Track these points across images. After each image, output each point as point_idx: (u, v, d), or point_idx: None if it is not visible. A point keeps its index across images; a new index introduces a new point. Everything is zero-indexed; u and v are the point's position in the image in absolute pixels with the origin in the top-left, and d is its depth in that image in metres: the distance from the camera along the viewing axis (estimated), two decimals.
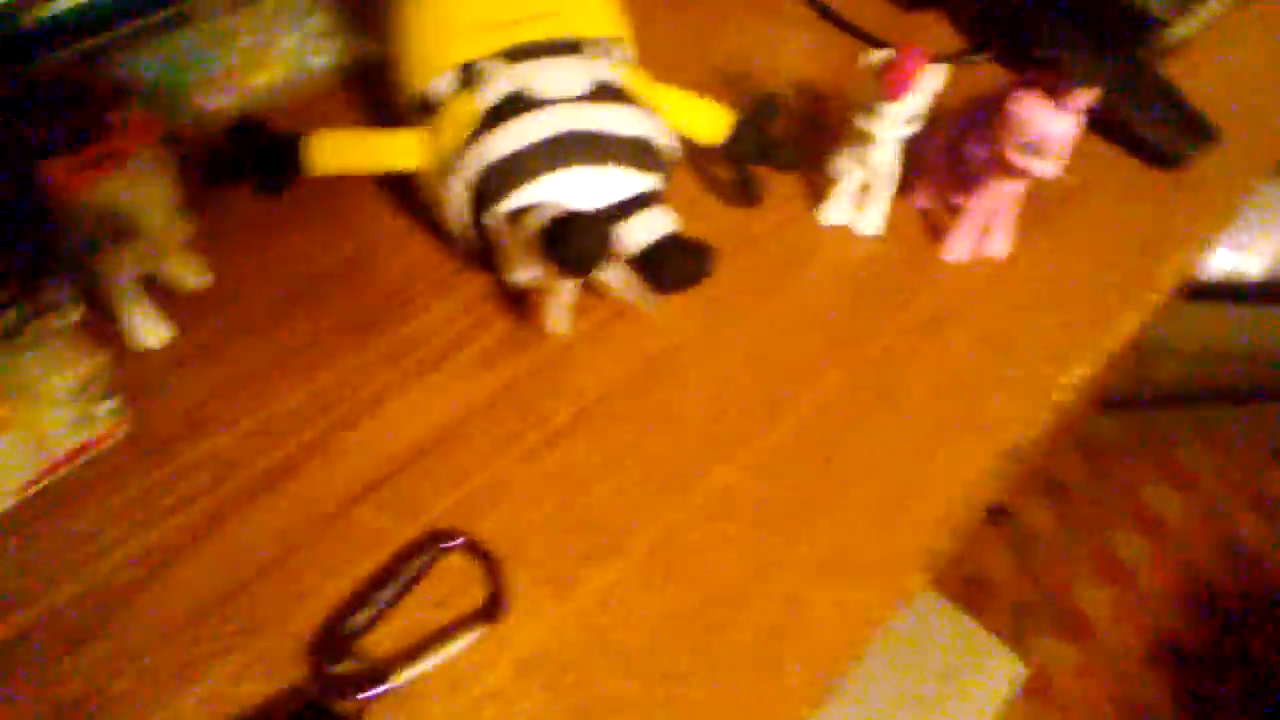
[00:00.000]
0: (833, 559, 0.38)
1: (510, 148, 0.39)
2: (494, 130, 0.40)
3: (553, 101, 0.40)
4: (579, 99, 0.41)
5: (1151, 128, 0.56)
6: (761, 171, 0.49)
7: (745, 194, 0.48)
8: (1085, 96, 0.42)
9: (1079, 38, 0.58)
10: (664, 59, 0.53)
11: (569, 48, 0.42)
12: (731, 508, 0.39)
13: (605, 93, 0.41)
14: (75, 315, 0.32)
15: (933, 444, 0.42)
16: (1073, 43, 0.58)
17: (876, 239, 0.49)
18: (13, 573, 0.34)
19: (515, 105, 0.40)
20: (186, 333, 0.41)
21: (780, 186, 0.51)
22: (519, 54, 0.41)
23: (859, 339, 0.45)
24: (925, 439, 0.42)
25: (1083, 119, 0.43)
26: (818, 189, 0.50)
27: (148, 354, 0.40)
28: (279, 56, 0.52)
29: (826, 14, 0.61)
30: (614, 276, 0.41)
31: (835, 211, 0.49)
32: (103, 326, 0.39)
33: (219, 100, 0.50)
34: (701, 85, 0.52)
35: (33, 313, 0.31)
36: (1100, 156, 0.56)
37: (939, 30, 0.63)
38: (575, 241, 0.37)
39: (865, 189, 0.49)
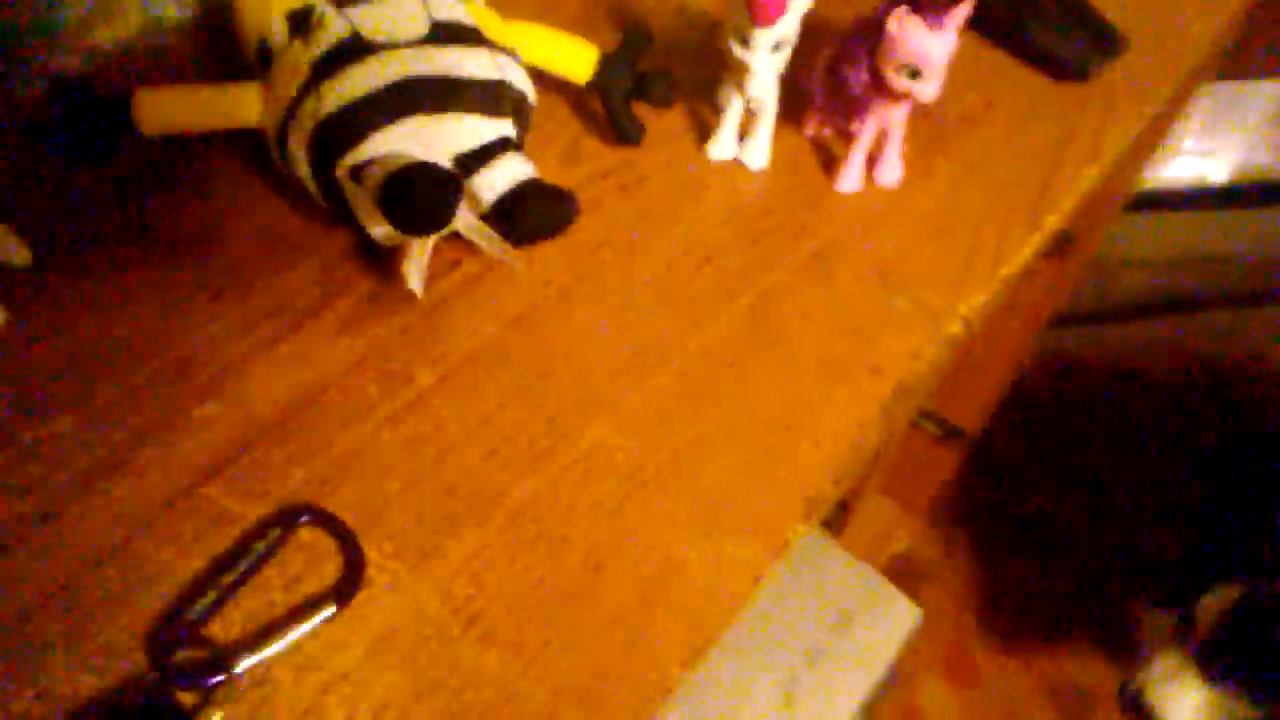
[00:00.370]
0: (711, 514, 0.37)
1: (344, 99, 0.37)
2: (327, 81, 0.37)
3: (390, 46, 0.38)
4: (419, 42, 0.38)
5: (1056, 39, 0.53)
6: (640, 108, 0.46)
7: (621, 132, 0.46)
8: (961, 12, 0.40)
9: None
10: None
11: None
12: (604, 467, 0.37)
13: (449, 33, 0.39)
14: None
15: (819, 386, 0.40)
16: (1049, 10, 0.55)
17: (764, 172, 0.47)
18: None
19: (349, 52, 0.37)
20: (20, 311, 0.39)
21: (668, 123, 0.49)
22: None
23: (744, 279, 0.43)
24: (811, 381, 0.41)
25: (953, 38, 0.40)
26: (707, 125, 0.48)
27: None
28: (127, 9, 0.49)
29: None
30: (473, 228, 0.39)
31: (721, 146, 0.47)
32: None
33: (64, 60, 0.47)
34: (583, 18, 0.50)
35: None
36: (1004, 72, 0.54)
37: None
38: (412, 199, 0.35)
39: (749, 120, 0.46)
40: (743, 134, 0.47)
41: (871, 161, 0.47)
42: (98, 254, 0.41)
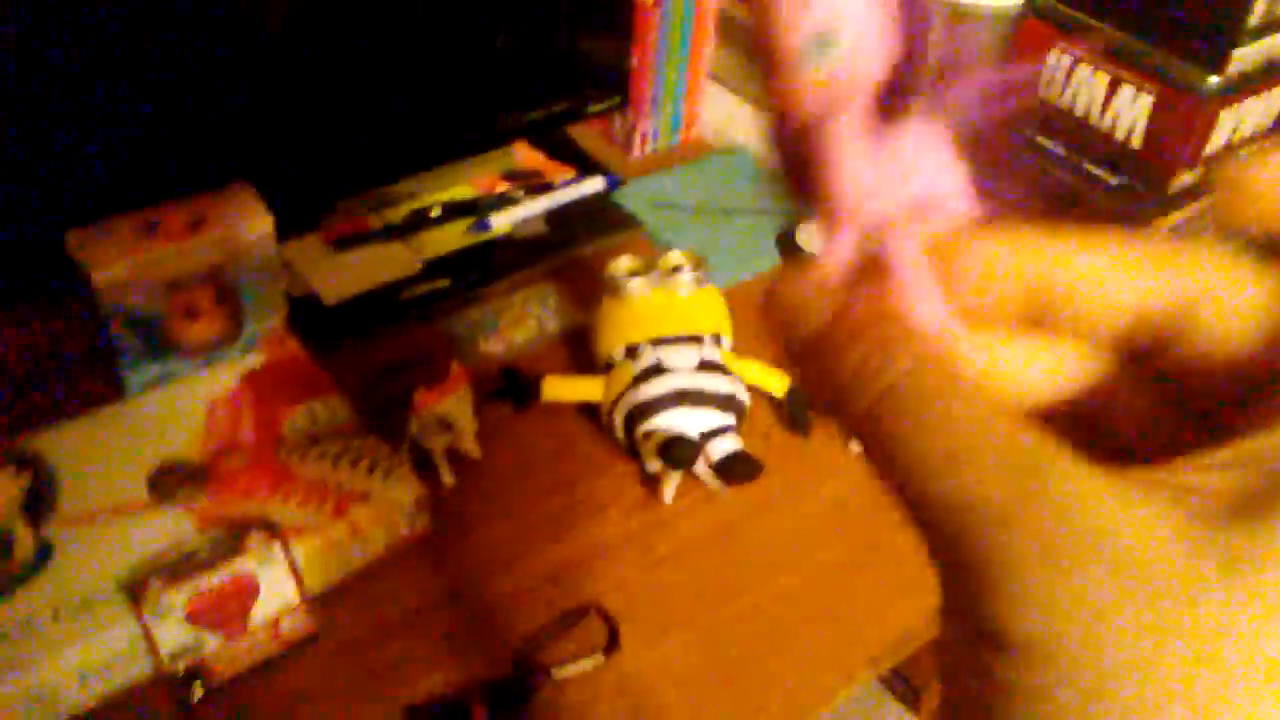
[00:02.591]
0: (804, 651, 0.65)
1: (647, 396, 0.71)
2: (640, 385, 0.71)
3: (676, 370, 0.72)
4: (692, 369, 0.72)
5: None
6: (810, 414, 0.78)
7: (796, 427, 0.78)
8: None
9: None
10: (764, 335, 0.84)
11: (692, 338, 0.74)
12: (758, 610, 0.67)
13: (707, 366, 0.72)
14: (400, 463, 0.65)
15: (881, 606, 0.68)
16: None
17: None
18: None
19: (654, 372, 0.72)
20: (464, 480, 0.74)
21: (830, 426, 0.80)
22: (661, 340, 0.74)
23: (852, 529, 0.72)
24: (878, 601, 0.68)
25: None
26: None
27: (446, 490, 0.73)
28: (529, 322, 0.86)
29: None
30: (704, 472, 0.71)
31: (856, 445, 0.77)
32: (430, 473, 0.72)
33: (494, 347, 0.84)
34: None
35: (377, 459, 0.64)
36: None
37: None
38: (676, 453, 0.67)
39: None
40: None
41: None
42: (508, 458, 0.76)
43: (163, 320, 0.70)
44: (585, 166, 1.02)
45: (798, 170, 0.21)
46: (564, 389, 0.76)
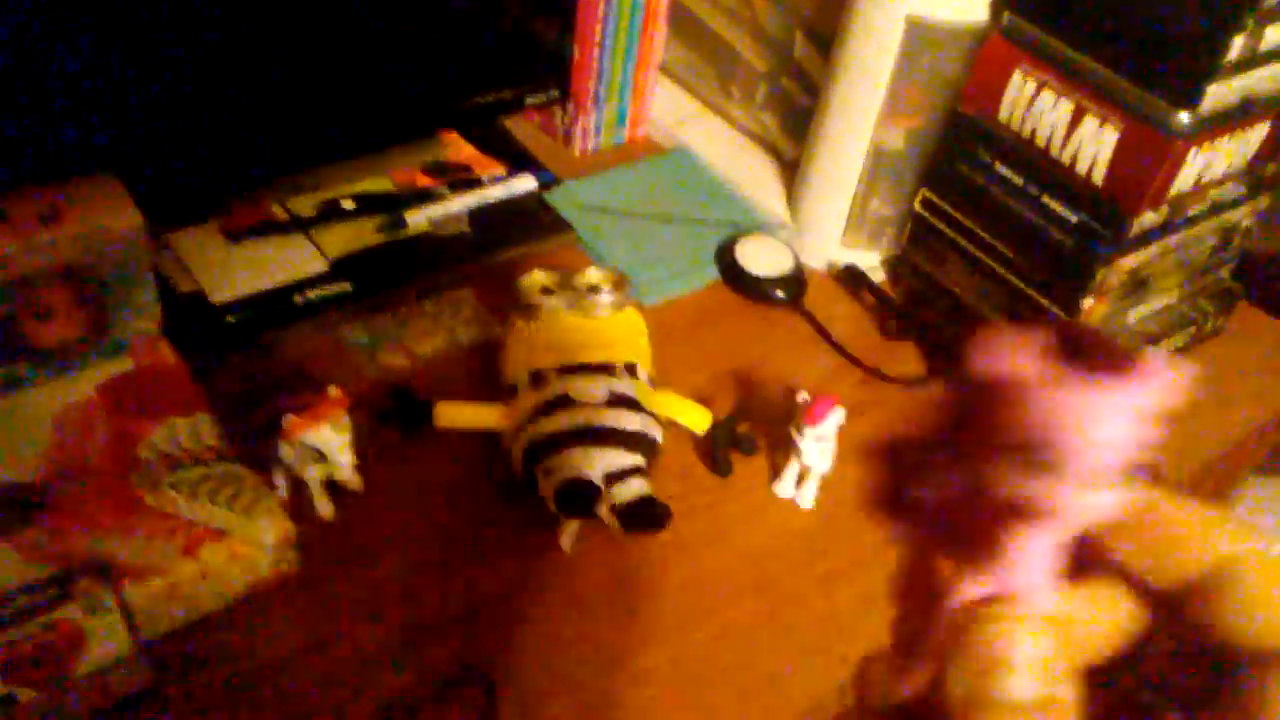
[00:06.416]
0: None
1: (549, 431, 0.64)
2: (542, 418, 0.65)
3: (582, 403, 0.65)
4: (600, 404, 0.65)
5: None
6: (733, 453, 0.72)
7: (717, 468, 0.71)
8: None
9: None
10: (697, 357, 0.78)
11: (603, 368, 0.67)
12: (659, 676, 0.61)
13: (618, 400, 0.66)
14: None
15: (798, 666, 0.62)
16: None
17: (809, 512, 0.71)
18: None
19: (558, 404, 0.65)
20: (345, 513, 0.67)
21: (756, 465, 0.74)
22: (569, 369, 0.67)
23: (770, 583, 0.66)
24: (796, 661, 0.63)
25: None
26: (779, 468, 0.73)
27: (323, 524, 0.66)
28: (439, 334, 0.79)
29: (826, 338, 0.84)
30: (607, 519, 0.64)
31: (783, 487, 0.71)
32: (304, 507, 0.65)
33: (395, 360, 0.77)
34: (719, 378, 0.76)
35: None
36: None
37: (912, 355, 0.85)
38: (571, 500, 0.61)
39: (804, 474, 0.70)
40: (800, 481, 0.71)
41: None
42: (394, 491, 0.69)
43: (11, 321, 0.63)
44: (519, 163, 0.95)
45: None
46: (460, 416, 0.69)
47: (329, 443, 0.61)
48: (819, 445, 0.67)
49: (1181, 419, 0.22)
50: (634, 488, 0.64)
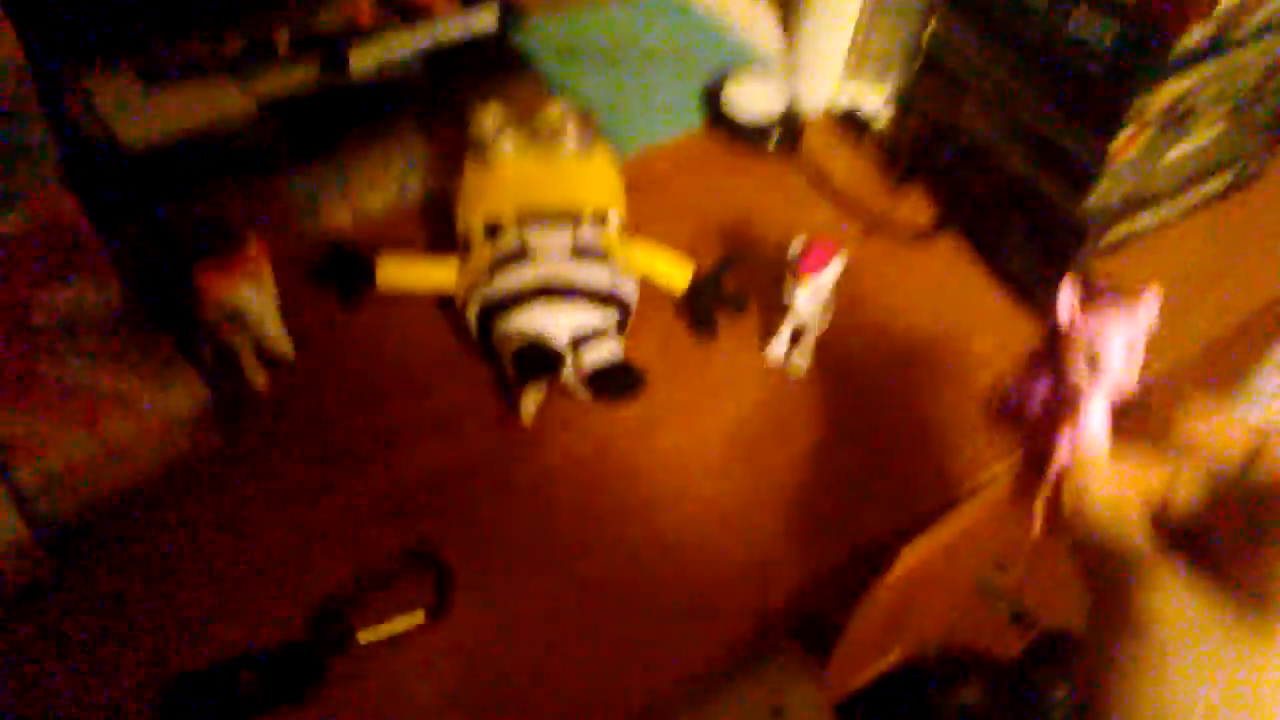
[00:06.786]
0: (686, 606, 0.52)
1: (506, 288, 0.56)
2: (498, 274, 0.56)
3: (544, 256, 0.57)
4: (563, 256, 0.57)
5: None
6: (719, 313, 0.64)
7: (699, 331, 0.63)
8: (1149, 303, 0.36)
9: (1025, 233, 0.70)
10: (680, 210, 0.70)
11: (567, 215, 0.59)
12: (632, 560, 0.54)
13: (584, 252, 0.58)
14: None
15: (790, 541, 0.56)
16: (1019, 239, 0.70)
17: (800, 378, 0.63)
18: None
19: (516, 257, 0.57)
20: (279, 385, 0.59)
21: (742, 326, 0.66)
22: (529, 217, 0.58)
23: (759, 457, 0.59)
24: (780, 545, 0.56)
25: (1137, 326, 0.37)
26: (771, 330, 0.65)
27: (255, 397, 0.58)
28: (389, 186, 0.70)
29: (824, 188, 0.75)
30: (573, 386, 0.57)
31: (774, 350, 0.64)
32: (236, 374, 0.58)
33: (339, 217, 0.69)
34: (704, 234, 0.68)
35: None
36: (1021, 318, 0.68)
37: (921, 203, 0.76)
38: (530, 364, 0.53)
39: (799, 335, 0.63)
40: (795, 342, 0.63)
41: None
42: (333, 357, 0.61)
43: None
44: None
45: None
46: (405, 274, 0.60)
47: (249, 303, 0.53)
48: (815, 299, 0.59)
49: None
50: (604, 351, 0.56)
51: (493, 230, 0.58)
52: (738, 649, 0.53)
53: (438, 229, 0.68)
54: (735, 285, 0.65)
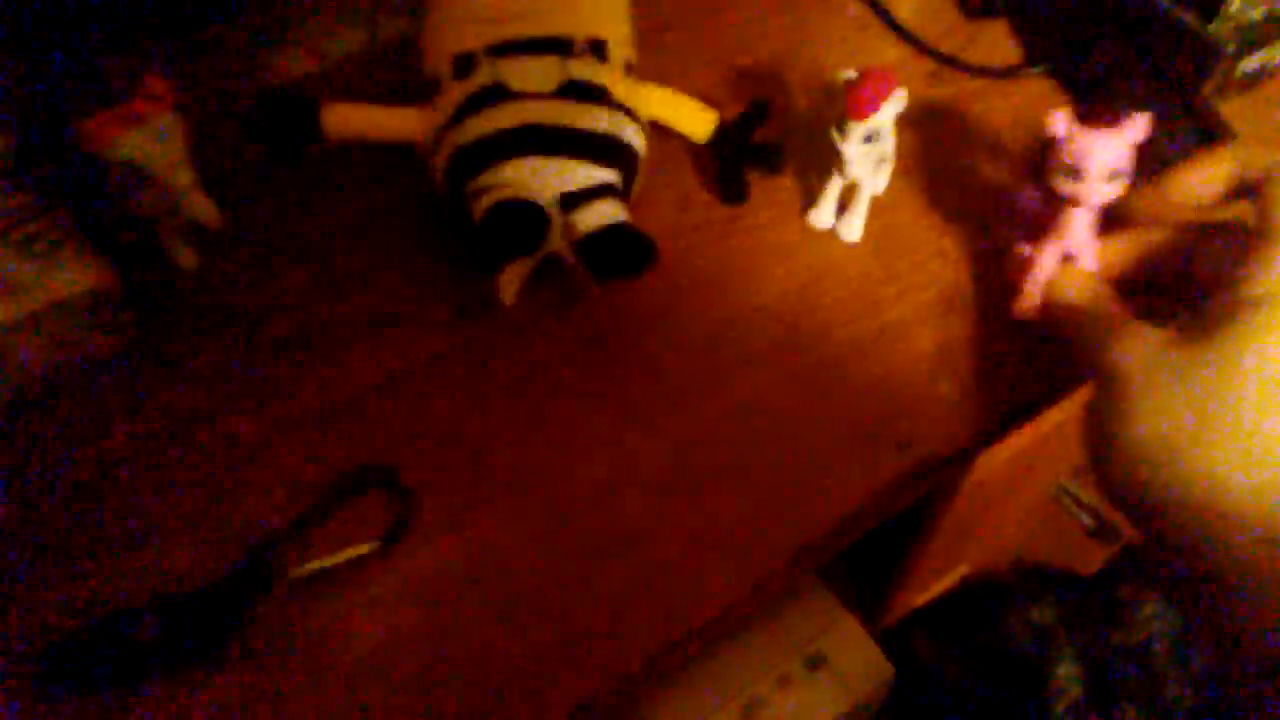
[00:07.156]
0: (711, 532, 0.42)
1: (477, 134, 0.44)
2: (469, 117, 0.45)
3: (525, 95, 0.45)
4: (550, 95, 0.45)
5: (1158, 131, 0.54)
6: (750, 171, 0.52)
7: (727, 192, 0.51)
8: (1137, 123, 0.41)
9: (1135, 63, 0.56)
10: (697, 52, 0.57)
11: (553, 42, 0.47)
12: (634, 474, 0.43)
13: (577, 90, 0.45)
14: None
15: (839, 450, 0.45)
16: (1126, 68, 0.56)
17: (855, 245, 0.51)
18: None
19: (491, 96, 0.45)
20: (211, 264, 0.49)
21: (781, 188, 0.53)
22: (506, 48, 0.46)
23: (803, 345, 0.48)
24: (832, 445, 0.45)
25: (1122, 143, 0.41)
26: (815, 194, 0.52)
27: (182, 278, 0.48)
28: (355, 26, 0.58)
29: (883, 17, 0.62)
30: (566, 255, 0.45)
31: (820, 216, 0.51)
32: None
33: (293, 63, 0.57)
34: (730, 82, 0.56)
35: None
36: None
37: (1002, 40, 0.62)
38: (508, 227, 0.42)
39: (849, 196, 0.50)
40: (843, 207, 0.51)
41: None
42: (272, 230, 0.50)
43: None
44: None
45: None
46: (357, 120, 0.49)
47: (150, 157, 0.42)
48: (870, 149, 0.47)
49: None
50: (602, 212, 0.44)
51: (463, 64, 0.46)
52: (768, 583, 0.42)
53: (415, 80, 0.56)
54: (769, 137, 0.52)
